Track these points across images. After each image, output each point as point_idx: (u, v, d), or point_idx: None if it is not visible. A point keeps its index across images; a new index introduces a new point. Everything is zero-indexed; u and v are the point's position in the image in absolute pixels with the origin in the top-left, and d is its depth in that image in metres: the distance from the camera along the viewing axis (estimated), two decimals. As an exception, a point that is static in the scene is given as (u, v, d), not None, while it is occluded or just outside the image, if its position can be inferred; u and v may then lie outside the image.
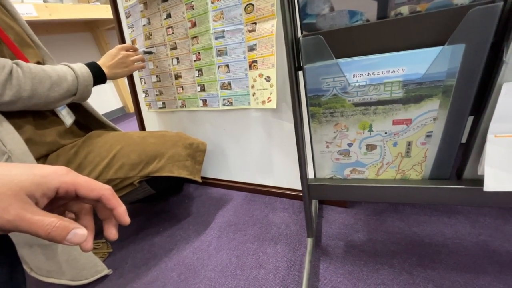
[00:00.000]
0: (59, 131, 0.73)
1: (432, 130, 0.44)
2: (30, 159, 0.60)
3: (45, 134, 0.69)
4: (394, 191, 0.50)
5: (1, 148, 0.56)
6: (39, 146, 0.67)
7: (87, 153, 0.71)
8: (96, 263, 0.70)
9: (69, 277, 0.67)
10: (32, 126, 0.67)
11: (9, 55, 0.63)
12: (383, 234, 0.69)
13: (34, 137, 0.66)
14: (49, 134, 0.70)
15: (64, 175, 0.26)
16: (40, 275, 0.65)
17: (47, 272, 0.65)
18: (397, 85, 0.41)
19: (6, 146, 0.56)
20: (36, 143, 0.66)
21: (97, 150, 0.71)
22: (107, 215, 0.30)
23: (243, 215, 0.87)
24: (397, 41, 0.39)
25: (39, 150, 0.66)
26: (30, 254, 0.62)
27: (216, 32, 0.78)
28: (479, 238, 0.63)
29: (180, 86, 0.94)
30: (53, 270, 0.65)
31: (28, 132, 0.64)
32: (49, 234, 0.23)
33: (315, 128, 0.51)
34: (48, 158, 0.69)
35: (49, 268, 0.65)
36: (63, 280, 0.66)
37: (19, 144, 0.59)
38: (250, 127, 0.88)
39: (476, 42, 0.35)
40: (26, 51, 0.68)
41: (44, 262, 0.64)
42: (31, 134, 0.65)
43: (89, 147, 0.72)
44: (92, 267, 0.69)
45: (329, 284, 0.59)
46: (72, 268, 0.66)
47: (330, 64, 0.43)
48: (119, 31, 1.05)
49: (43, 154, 0.68)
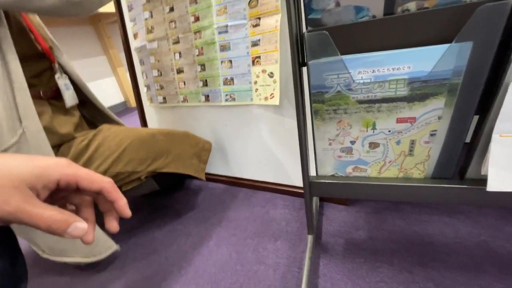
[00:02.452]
0: (74, 124, 0.75)
1: (436, 129, 0.43)
2: (43, 138, 0.60)
3: (60, 125, 0.71)
4: (396, 189, 0.50)
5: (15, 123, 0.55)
6: (54, 136, 0.68)
7: (98, 146, 0.72)
8: (107, 238, 0.71)
9: (83, 254, 0.68)
10: (49, 116, 0.68)
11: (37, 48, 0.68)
12: (384, 233, 0.69)
13: (50, 126, 0.67)
14: (65, 125, 0.72)
15: (65, 167, 0.26)
16: (54, 255, 0.67)
17: (60, 251, 0.66)
18: (402, 82, 0.41)
19: (22, 121, 0.56)
20: (51, 133, 0.67)
21: (107, 144, 0.72)
22: (108, 208, 0.30)
23: (244, 211, 0.87)
24: (404, 38, 0.38)
25: (52, 139, 0.66)
26: (41, 236, 0.63)
27: (219, 27, 0.77)
28: (480, 238, 0.63)
29: (182, 81, 0.94)
30: (66, 248, 0.66)
31: (45, 121, 0.65)
32: (49, 227, 0.24)
33: (318, 125, 0.50)
34: (60, 149, 0.71)
35: (62, 247, 0.66)
36: (77, 258, 0.67)
37: (34, 121, 0.59)
38: (252, 123, 0.87)
39: (484, 40, 0.35)
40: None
41: (57, 242, 0.65)
42: (47, 123, 0.66)
43: (100, 140, 0.73)
44: (104, 242, 0.71)
45: (328, 281, 0.59)
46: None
47: (335, 61, 0.42)
48: (121, 24, 1.04)
49: (56, 144, 0.69)
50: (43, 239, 0.64)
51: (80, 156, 0.70)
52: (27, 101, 0.57)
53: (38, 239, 0.64)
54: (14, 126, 0.55)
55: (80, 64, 2.15)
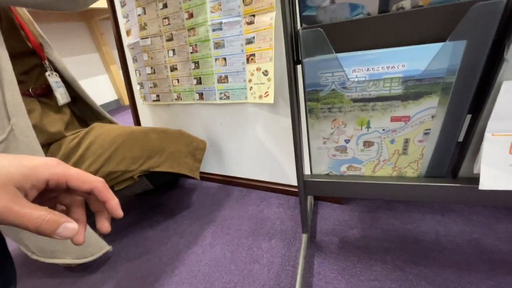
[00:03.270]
0: (64, 122, 0.73)
1: (430, 127, 0.44)
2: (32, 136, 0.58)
3: (50, 123, 0.69)
4: (390, 188, 0.50)
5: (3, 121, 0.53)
6: (43, 134, 0.66)
7: (89, 144, 0.70)
8: (99, 239, 0.70)
9: (74, 255, 0.66)
10: (38, 114, 0.66)
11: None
12: (377, 231, 0.69)
13: (39, 124, 0.65)
14: (55, 124, 0.70)
15: (54, 166, 0.25)
16: (43, 256, 0.65)
17: (50, 252, 0.64)
18: (397, 81, 0.41)
19: (11, 118, 0.54)
20: (41, 131, 0.65)
21: (99, 142, 0.71)
22: (100, 208, 0.29)
23: (238, 210, 0.86)
24: (398, 36, 0.38)
25: (41, 138, 0.65)
26: (31, 237, 0.61)
27: (213, 24, 0.76)
28: (472, 236, 0.64)
29: (176, 78, 0.93)
30: (56, 249, 0.65)
31: (34, 119, 0.63)
32: (38, 227, 0.23)
33: (312, 123, 0.50)
34: (49, 148, 0.69)
35: (52, 248, 0.64)
36: (67, 259, 0.65)
37: (24, 119, 0.57)
38: (247, 121, 0.87)
39: (478, 39, 0.35)
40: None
41: (47, 242, 0.63)
42: (37, 122, 0.64)
43: (91, 138, 0.71)
44: (96, 243, 0.69)
45: (323, 279, 0.59)
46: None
47: (330, 59, 0.42)
48: (113, 21, 1.02)
49: (45, 143, 0.67)
50: (32, 240, 0.62)
51: (70, 155, 0.68)
52: (16, 98, 0.56)
53: (27, 240, 0.62)
54: (2, 123, 0.54)
55: (72, 61, 2.11)
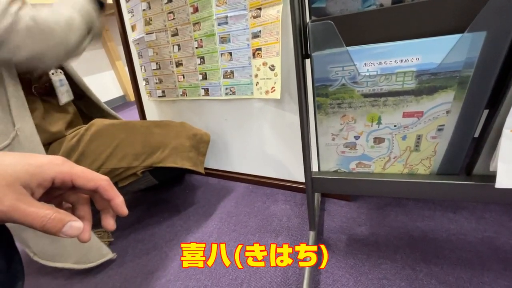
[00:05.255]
0: (66, 121, 0.73)
1: (444, 123, 0.42)
2: (37, 141, 0.58)
3: (51, 123, 0.68)
4: (401, 186, 0.49)
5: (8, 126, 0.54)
6: (44, 134, 0.66)
7: (90, 142, 0.69)
8: (101, 246, 0.70)
9: (74, 260, 0.66)
10: (40, 114, 0.66)
11: None
12: (386, 229, 0.68)
13: (41, 124, 0.65)
14: (56, 123, 0.69)
15: (60, 165, 0.25)
16: (44, 259, 0.65)
17: (51, 256, 0.65)
18: (410, 75, 0.39)
19: (15, 123, 0.54)
20: (42, 131, 0.65)
21: (100, 139, 0.70)
22: (105, 206, 0.29)
23: (245, 207, 0.86)
24: (413, 27, 0.36)
25: (42, 138, 0.65)
26: (34, 237, 0.61)
27: (219, 18, 0.75)
28: (484, 234, 0.62)
29: (181, 74, 0.92)
30: (58, 253, 0.65)
31: (36, 119, 0.63)
32: (44, 226, 0.23)
33: (321, 119, 0.49)
34: (50, 147, 0.69)
35: (53, 252, 0.64)
36: (68, 264, 0.65)
37: (29, 124, 0.57)
38: (253, 117, 0.86)
39: (498, 30, 0.33)
40: None
41: (49, 245, 0.63)
42: (38, 121, 0.64)
43: (92, 135, 0.71)
44: (97, 250, 0.69)
45: (330, 277, 0.59)
46: (78, 250, 0.65)
47: (340, 52, 0.40)
48: (118, 16, 1.01)
49: (46, 142, 0.67)
50: (35, 242, 0.62)
51: (71, 152, 0.68)
52: (20, 100, 0.55)
53: (30, 241, 0.62)
54: (7, 128, 0.54)
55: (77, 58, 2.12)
